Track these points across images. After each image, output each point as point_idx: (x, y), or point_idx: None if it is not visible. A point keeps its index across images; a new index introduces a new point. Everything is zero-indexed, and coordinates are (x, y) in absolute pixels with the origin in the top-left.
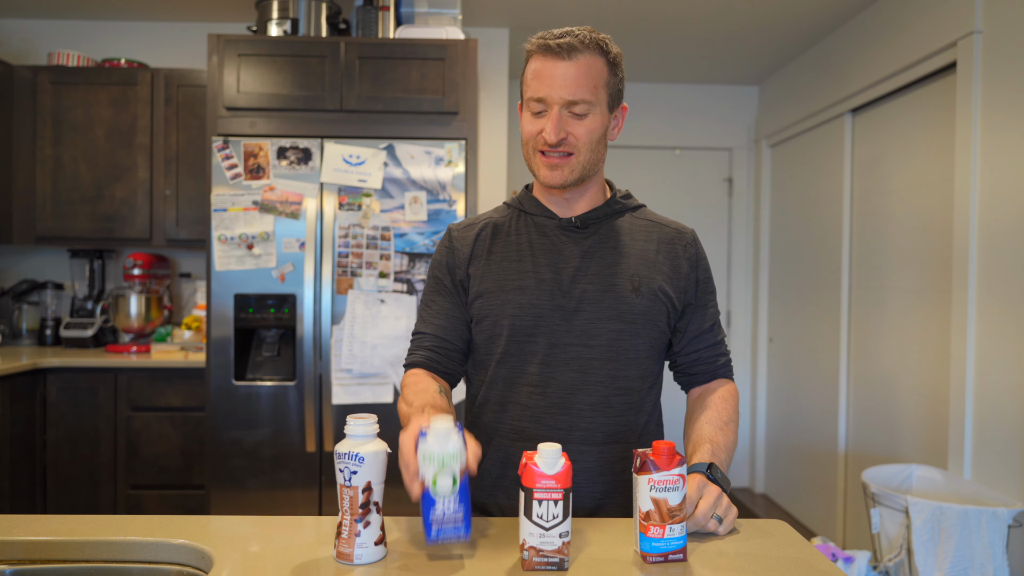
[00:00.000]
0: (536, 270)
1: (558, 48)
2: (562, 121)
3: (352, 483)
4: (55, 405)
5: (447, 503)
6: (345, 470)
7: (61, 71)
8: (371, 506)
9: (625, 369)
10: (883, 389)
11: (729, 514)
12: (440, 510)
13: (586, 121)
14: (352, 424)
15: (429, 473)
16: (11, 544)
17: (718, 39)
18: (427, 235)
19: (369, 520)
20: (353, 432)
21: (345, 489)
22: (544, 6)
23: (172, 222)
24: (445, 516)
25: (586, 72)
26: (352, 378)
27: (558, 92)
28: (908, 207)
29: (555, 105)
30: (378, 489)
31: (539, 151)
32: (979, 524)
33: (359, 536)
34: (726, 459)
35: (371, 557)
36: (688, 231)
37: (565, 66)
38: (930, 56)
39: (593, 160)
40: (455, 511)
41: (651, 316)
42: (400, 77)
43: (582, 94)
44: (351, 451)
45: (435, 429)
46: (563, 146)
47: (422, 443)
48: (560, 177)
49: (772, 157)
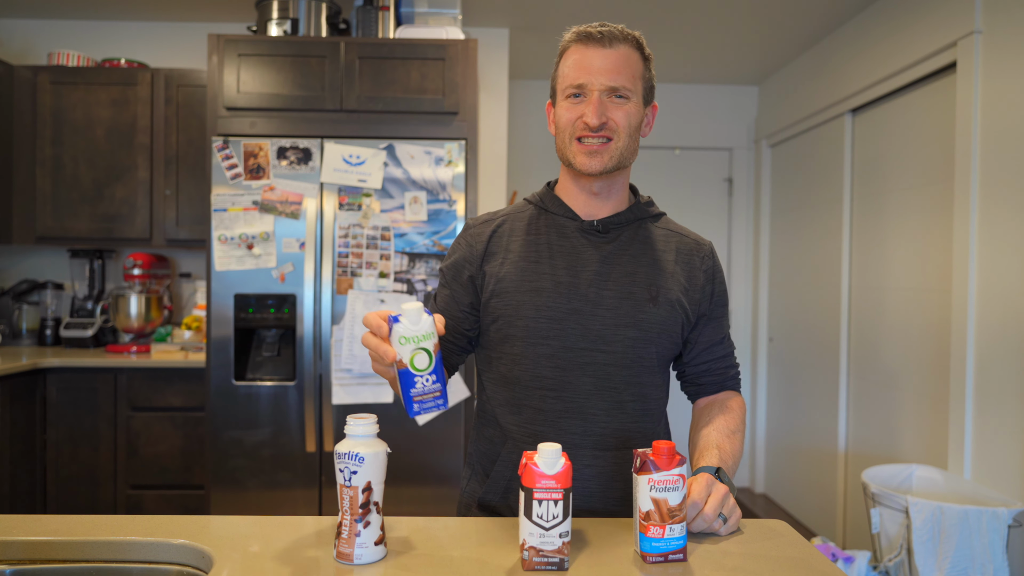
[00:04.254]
0: (554, 272)
1: (599, 35)
2: (603, 105)
3: (352, 483)
4: (55, 405)
5: (426, 379)
6: (345, 470)
7: (61, 71)
8: (371, 506)
9: (639, 376)
10: (883, 389)
11: (734, 514)
12: (420, 386)
13: (626, 107)
14: (352, 424)
15: (406, 353)
16: (11, 544)
17: (718, 39)
18: (427, 235)
19: (369, 520)
20: (353, 432)
21: (345, 489)
22: (544, 6)
23: (172, 222)
24: (425, 390)
25: (625, 61)
26: (352, 378)
27: (598, 78)
28: (908, 207)
29: (595, 91)
30: (378, 489)
31: (576, 138)
32: (979, 524)
33: (359, 536)
34: (732, 466)
35: (371, 557)
36: (706, 243)
37: (606, 53)
38: (930, 56)
39: (630, 149)
40: (433, 384)
41: (666, 327)
42: (400, 77)
43: (622, 81)
44: (351, 451)
45: (407, 311)
46: (604, 130)
47: (396, 327)
48: (599, 164)
49: (772, 157)
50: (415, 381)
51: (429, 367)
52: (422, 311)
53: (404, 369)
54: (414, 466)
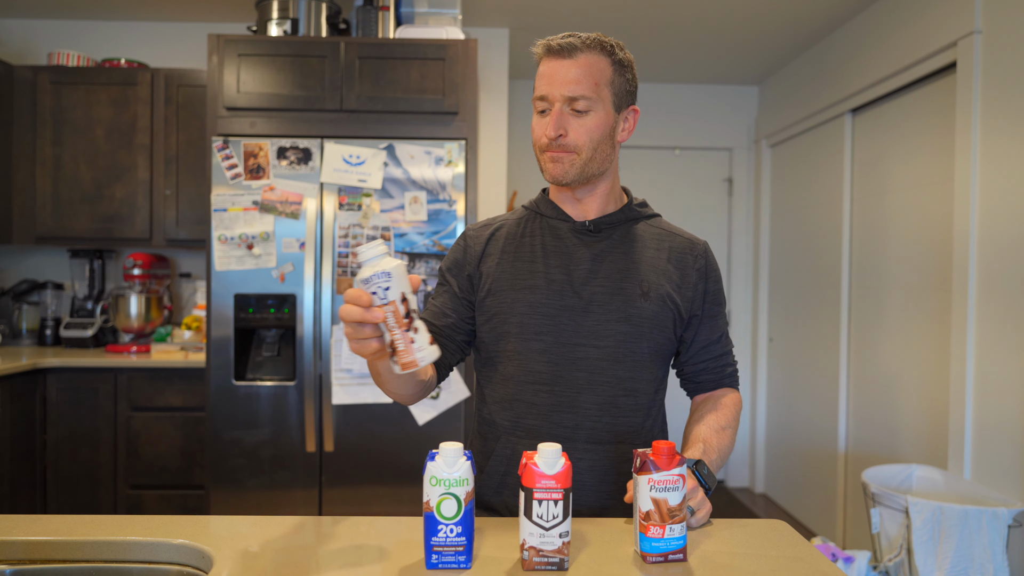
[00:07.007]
0: (547, 271)
1: (559, 48)
2: (562, 118)
3: (388, 298)
4: (55, 405)
5: (450, 529)
6: (378, 290)
7: (61, 71)
8: (412, 314)
9: (631, 371)
10: (883, 389)
11: (703, 508)
12: (443, 535)
13: (586, 119)
14: (364, 250)
15: (435, 495)
16: (11, 544)
17: (718, 39)
18: (427, 235)
19: (416, 326)
20: (368, 256)
21: (385, 308)
22: (544, 6)
23: (172, 222)
24: (447, 541)
25: (587, 70)
26: (352, 378)
27: (558, 89)
28: (908, 207)
29: (556, 102)
30: (411, 298)
31: (543, 151)
32: (979, 524)
33: (415, 342)
34: (717, 460)
35: (432, 355)
36: (700, 243)
37: (567, 64)
38: (930, 56)
39: (598, 159)
40: (457, 537)
41: (658, 321)
42: (400, 77)
43: (582, 91)
44: (376, 271)
45: (444, 451)
46: (562, 142)
47: (430, 465)
48: (561, 170)
49: (772, 157)
50: (438, 529)
51: (456, 516)
52: (461, 455)
53: (430, 513)
54: (414, 466)
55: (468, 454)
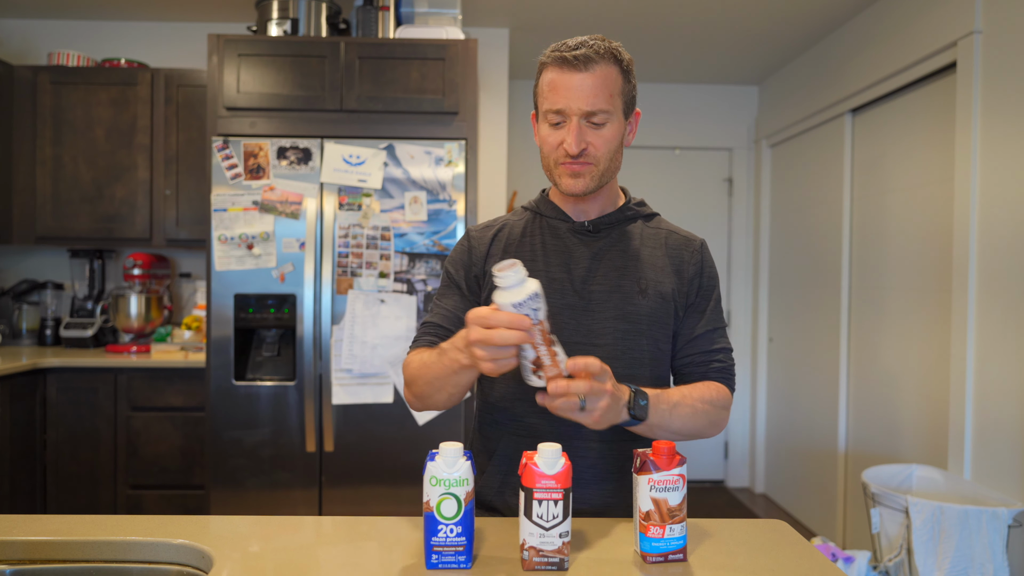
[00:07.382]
0: (548, 270)
1: (575, 60)
2: (582, 132)
3: (539, 318)
4: (55, 405)
5: (450, 529)
6: (531, 312)
7: (61, 71)
8: (552, 334)
9: (631, 369)
10: (883, 389)
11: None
12: (443, 535)
13: (604, 131)
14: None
15: (435, 495)
16: (11, 544)
17: (718, 39)
18: (427, 235)
19: (553, 338)
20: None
21: (536, 327)
22: (544, 6)
23: (172, 222)
24: (447, 541)
25: (603, 82)
26: (352, 378)
27: (577, 104)
28: (908, 207)
29: (574, 116)
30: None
31: (559, 163)
32: (979, 524)
33: (559, 355)
34: (666, 411)
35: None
36: (697, 239)
37: (582, 77)
38: (930, 56)
39: (612, 167)
40: (456, 537)
41: (656, 318)
42: (400, 77)
43: (600, 104)
44: (529, 294)
45: (444, 451)
46: (584, 156)
47: (430, 464)
48: (583, 185)
49: (772, 157)
50: (438, 529)
51: (456, 516)
52: (461, 455)
53: (430, 513)
54: (414, 466)
55: (468, 454)
